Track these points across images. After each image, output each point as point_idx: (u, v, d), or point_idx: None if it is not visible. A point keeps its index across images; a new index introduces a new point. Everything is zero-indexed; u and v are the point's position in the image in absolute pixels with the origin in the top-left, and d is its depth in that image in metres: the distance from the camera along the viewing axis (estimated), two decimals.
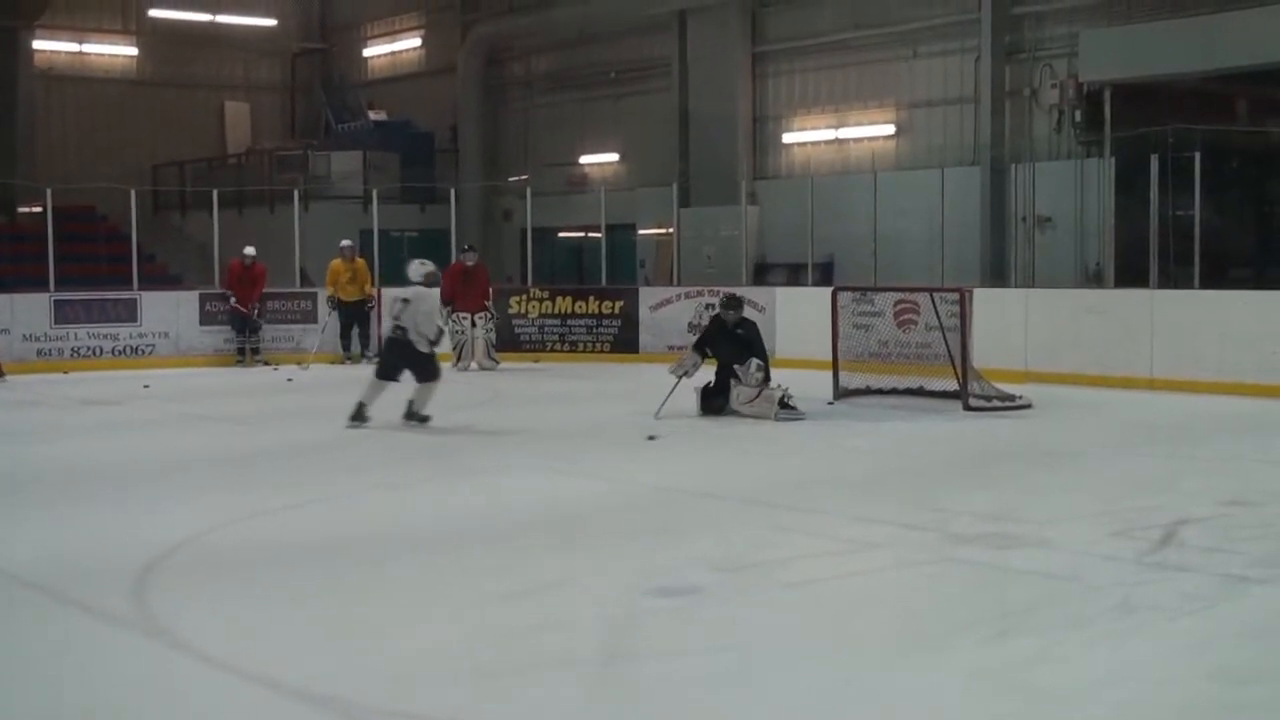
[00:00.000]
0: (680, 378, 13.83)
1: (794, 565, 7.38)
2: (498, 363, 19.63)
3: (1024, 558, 7.44)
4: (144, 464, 11.20)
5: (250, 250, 20.91)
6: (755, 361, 13.65)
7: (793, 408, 13.48)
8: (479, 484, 10.17)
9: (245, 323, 20.68)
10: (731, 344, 13.90)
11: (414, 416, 13.30)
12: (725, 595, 6.77)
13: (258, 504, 9.22)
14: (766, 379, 13.70)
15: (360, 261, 21.14)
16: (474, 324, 19.45)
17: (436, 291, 14.11)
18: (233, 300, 20.64)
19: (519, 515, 8.84)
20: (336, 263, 21.01)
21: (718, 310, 14.43)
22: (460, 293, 19.46)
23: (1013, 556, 7.47)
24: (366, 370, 19.73)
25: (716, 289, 19.69)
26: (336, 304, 20.90)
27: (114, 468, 11.04)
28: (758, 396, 13.57)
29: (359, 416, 13.19)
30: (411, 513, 9.03)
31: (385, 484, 10.13)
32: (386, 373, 13.46)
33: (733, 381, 13.74)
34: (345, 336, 21.01)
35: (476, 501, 9.40)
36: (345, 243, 21.17)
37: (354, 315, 21.00)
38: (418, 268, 13.62)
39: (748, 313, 14.71)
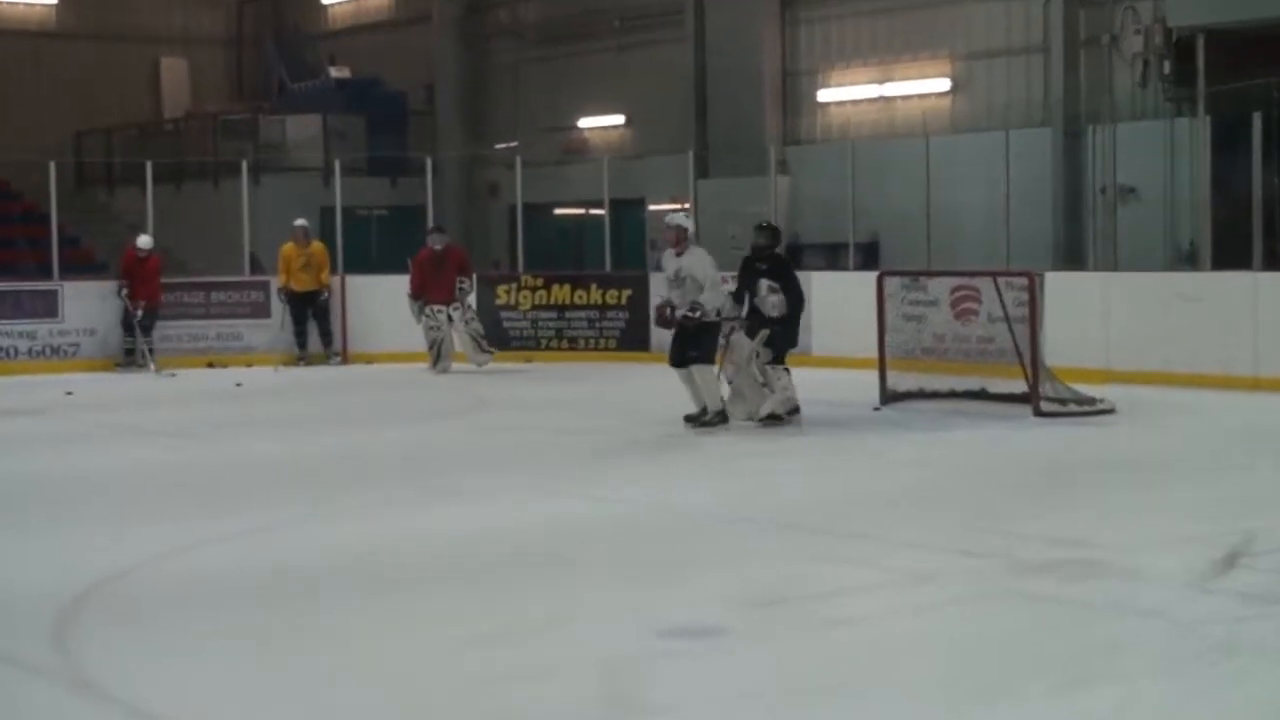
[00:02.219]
0: (725, 336, 13.62)
1: (832, 601, 7.38)
2: (491, 354, 19.65)
3: (1104, 591, 7.43)
4: (67, 485, 11.23)
5: (145, 240, 20.80)
6: (766, 283, 13.41)
7: (778, 417, 13.39)
8: (461, 507, 10.18)
9: (132, 321, 20.46)
10: (753, 283, 13.65)
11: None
12: (751, 636, 6.77)
13: (200, 531, 9.23)
14: (777, 357, 13.45)
15: (317, 245, 21.19)
16: (451, 318, 19.47)
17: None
18: (124, 294, 20.51)
19: (508, 544, 8.84)
20: (288, 246, 21.06)
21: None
22: (431, 283, 19.50)
23: (1091, 589, 7.46)
24: (326, 374, 19.98)
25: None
26: (287, 295, 20.94)
27: (31, 489, 11.07)
28: (755, 371, 13.40)
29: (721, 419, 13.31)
30: (381, 541, 9.04)
31: (350, 507, 10.14)
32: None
33: (731, 337, 13.56)
34: (300, 334, 21.06)
35: (458, 527, 9.41)
36: (299, 222, 21.21)
37: (307, 308, 21.04)
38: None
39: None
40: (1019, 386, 14.24)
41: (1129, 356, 16.60)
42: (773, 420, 13.40)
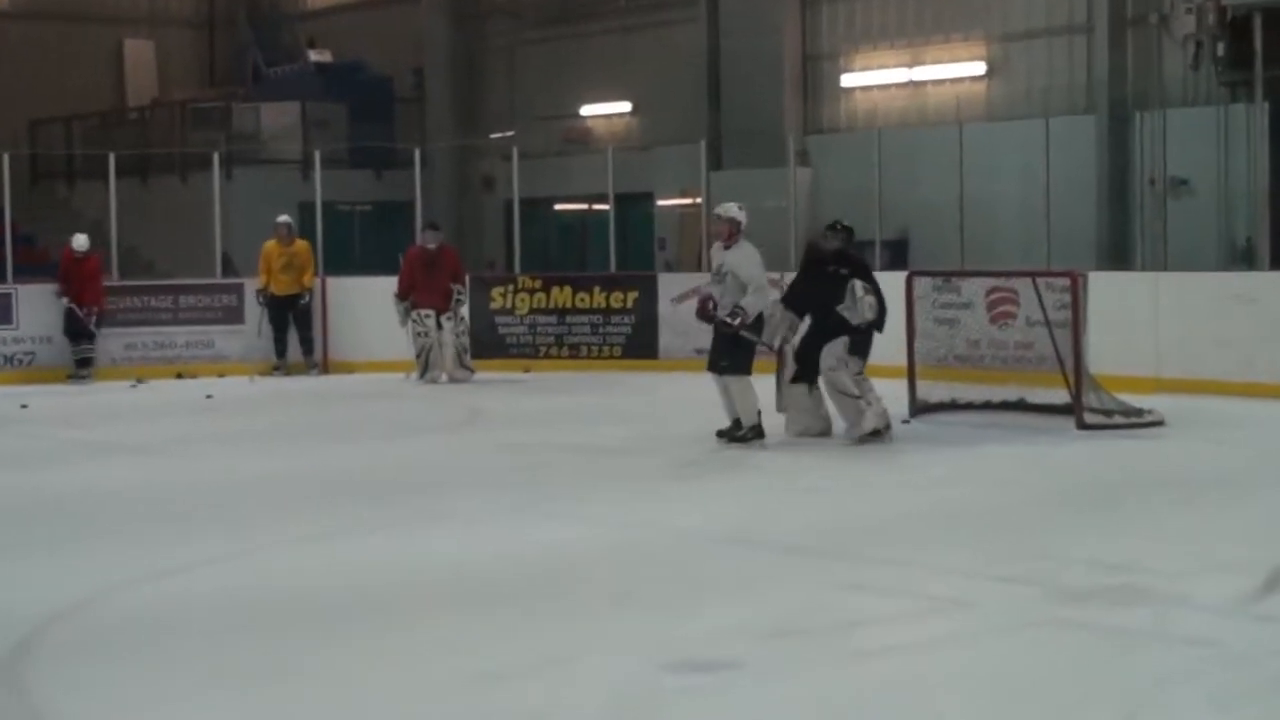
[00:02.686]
0: (778, 348, 13.64)
1: (859, 632, 7.40)
2: (472, 372, 19.67)
3: (1154, 619, 7.45)
4: (22, 507, 11.23)
5: (81, 240, 20.78)
6: (860, 284, 13.21)
7: (879, 433, 13.32)
8: (452, 531, 10.19)
9: (78, 328, 20.48)
10: (826, 288, 13.46)
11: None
12: (771, 671, 6.79)
13: (168, 558, 9.24)
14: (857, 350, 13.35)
15: (301, 244, 21.21)
16: (440, 325, 19.48)
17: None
18: (65, 300, 20.52)
19: (505, 572, 8.86)
20: (270, 244, 21.10)
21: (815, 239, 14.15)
22: (422, 284, 19.51)
23: (1138, 618, 7.48)
24: (305, 385, 20.01)
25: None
26: (266, 298, 20.96)
27: None
28: (848, 388, 13.27)
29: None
30: (366, 569, 9.04)
31: (332, 531, 10.15)
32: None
33: (826, 348, 13.35)
34: (279, 340, 21.07)
35: (449, 554, 9.42)
36: (282, 219, 21.25)
37: (287, 313, 21.05)
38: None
39: None
40: (1060, 397, 14.25)
41: (1180, 364, 16.61)
42: (874, 437, 13.30)
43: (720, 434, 13.40)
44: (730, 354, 13.34)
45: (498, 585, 8.50)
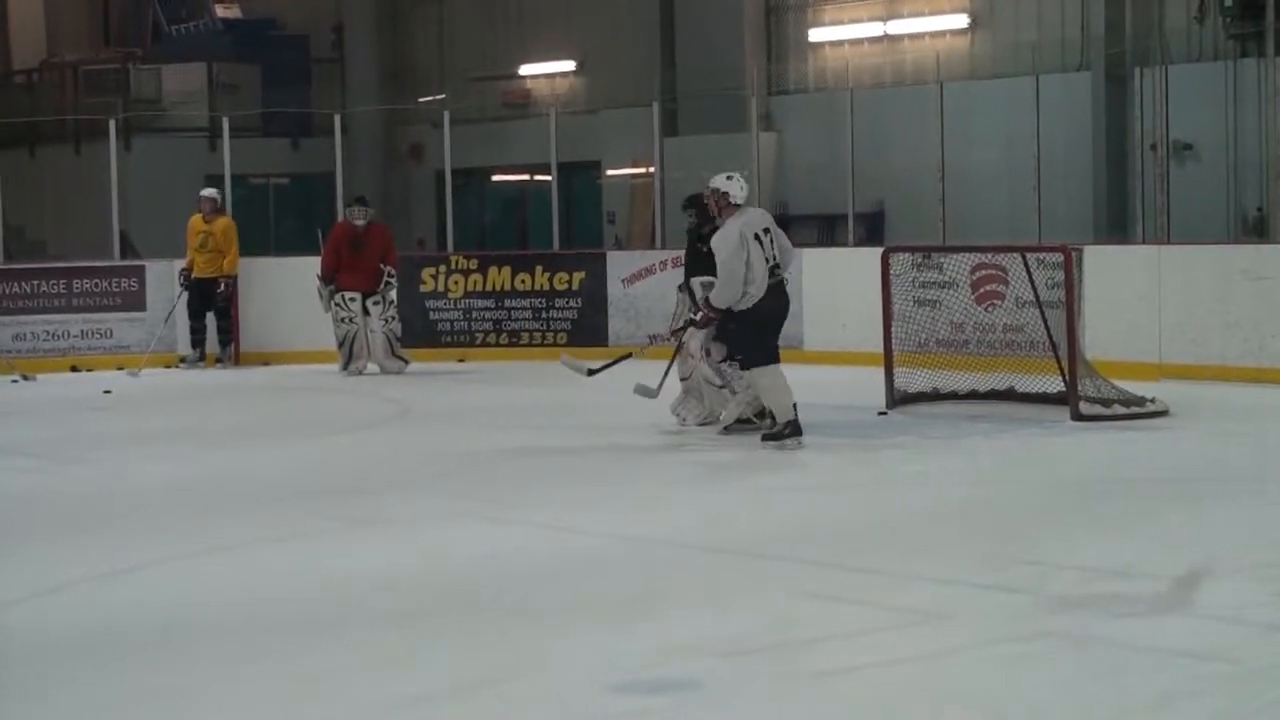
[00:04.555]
0: (679, 337, 13.80)
1: (829, 647, 7.42)
2: (406, 362, 19.65)
3: (1153, 629, 7.50)
4: None
5: None
6: (700, 282, 13.48)
7: (749, 421, 13.48)
8: (383, 539, 10.19)
9: None
10: (700, 267, 13.69)
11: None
12: (731, 690, 6.81)
13: (63, 573, 9.20)
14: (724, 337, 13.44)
15: (223, 221, 20.98)
16: (367, 310, 19.44)
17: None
18: None
19: (441, 582, 8.87)
20: (195, 219, 20.95)
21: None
22: (347, 265, 19.46)
23: (1137, 627, 7.53)
24: (215, 378, 19.93)
25: None
26: (187, 281, 20.76)
27: None
28: (711, 378, 13.56)
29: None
30: (283, 583, 9.03)
31: (248, 541, 10.11)
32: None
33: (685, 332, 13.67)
34: (196, 329, 20.84)
35: (379, 565, 9.40)
36: (206, 192, 21.10)
37: (204, 298, 20.88)
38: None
39: None
40: (1054, 385, 14.32)
41: (1184, 347, 16.70)
42: (742, 425, 13.51)
43: (726, 429, 13.54)
44: (740, 346, 13.28)
45: (428, 599, 8.50)
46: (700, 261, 13.61)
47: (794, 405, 13.00)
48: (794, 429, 12.95)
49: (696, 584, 8.74)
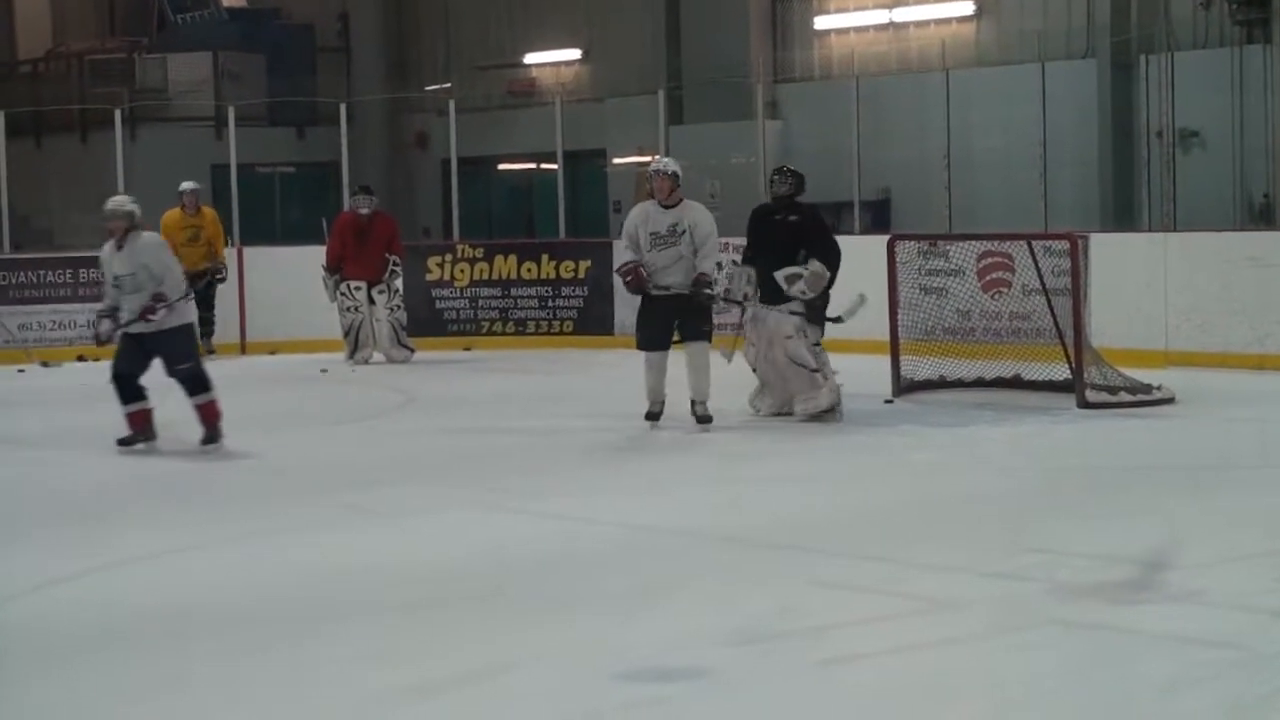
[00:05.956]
0: (742, 305, 13.80)
1: (836, 636, 7.40)
2: (412, 351, 19.64)
3: (1163, 617, 7.48)
4: None
5: None
6: (783, 275, 13.46)
7: (831, 411, 13.49)
8: (383, 529, 10.17)
9: None
10: (778, 241, 13.68)
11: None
12: (734, 681, 6.78)
13: (56, 566, 9.16)
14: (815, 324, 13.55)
15: (208, 213, 20.97)
16: (372, 299, 19.43)
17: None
18: None
19: (441, 573, 8.83)
20: (173, 214, 20.92)
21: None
22: (353, 255, 19.45)
23: (1147, 616, 7.52)
24: (220, 368, 19.87)
25: (724, 240, 19.71)
26: (191, 286, 20.70)
27: None
28: (806, 360, 13.44)
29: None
30: (285, 572, 9.02)
31: (249, 532, 10.10)
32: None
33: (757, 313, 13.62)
34: (204, 320, 20.81)
35: (379, 555, 9.38)
36: (186, 185, 21.06)
37: (194, 290, 20.83)
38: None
39: None
40: (1060, 372, 14.33)
41: (1191, 335, 16.69)
42: (826, 415, 13.47)
43: (651, 417, 13.47)
44: (708, 319, 13.51)
45: (432, 589, 8.47)
46: (774, 236, 13.70)
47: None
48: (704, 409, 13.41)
49: (705, 573, 8.72)
